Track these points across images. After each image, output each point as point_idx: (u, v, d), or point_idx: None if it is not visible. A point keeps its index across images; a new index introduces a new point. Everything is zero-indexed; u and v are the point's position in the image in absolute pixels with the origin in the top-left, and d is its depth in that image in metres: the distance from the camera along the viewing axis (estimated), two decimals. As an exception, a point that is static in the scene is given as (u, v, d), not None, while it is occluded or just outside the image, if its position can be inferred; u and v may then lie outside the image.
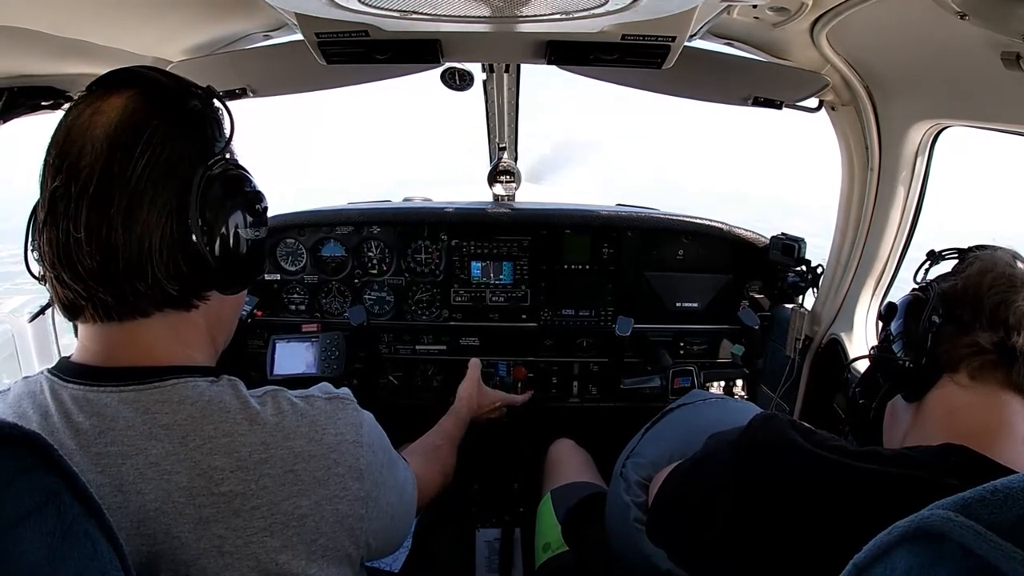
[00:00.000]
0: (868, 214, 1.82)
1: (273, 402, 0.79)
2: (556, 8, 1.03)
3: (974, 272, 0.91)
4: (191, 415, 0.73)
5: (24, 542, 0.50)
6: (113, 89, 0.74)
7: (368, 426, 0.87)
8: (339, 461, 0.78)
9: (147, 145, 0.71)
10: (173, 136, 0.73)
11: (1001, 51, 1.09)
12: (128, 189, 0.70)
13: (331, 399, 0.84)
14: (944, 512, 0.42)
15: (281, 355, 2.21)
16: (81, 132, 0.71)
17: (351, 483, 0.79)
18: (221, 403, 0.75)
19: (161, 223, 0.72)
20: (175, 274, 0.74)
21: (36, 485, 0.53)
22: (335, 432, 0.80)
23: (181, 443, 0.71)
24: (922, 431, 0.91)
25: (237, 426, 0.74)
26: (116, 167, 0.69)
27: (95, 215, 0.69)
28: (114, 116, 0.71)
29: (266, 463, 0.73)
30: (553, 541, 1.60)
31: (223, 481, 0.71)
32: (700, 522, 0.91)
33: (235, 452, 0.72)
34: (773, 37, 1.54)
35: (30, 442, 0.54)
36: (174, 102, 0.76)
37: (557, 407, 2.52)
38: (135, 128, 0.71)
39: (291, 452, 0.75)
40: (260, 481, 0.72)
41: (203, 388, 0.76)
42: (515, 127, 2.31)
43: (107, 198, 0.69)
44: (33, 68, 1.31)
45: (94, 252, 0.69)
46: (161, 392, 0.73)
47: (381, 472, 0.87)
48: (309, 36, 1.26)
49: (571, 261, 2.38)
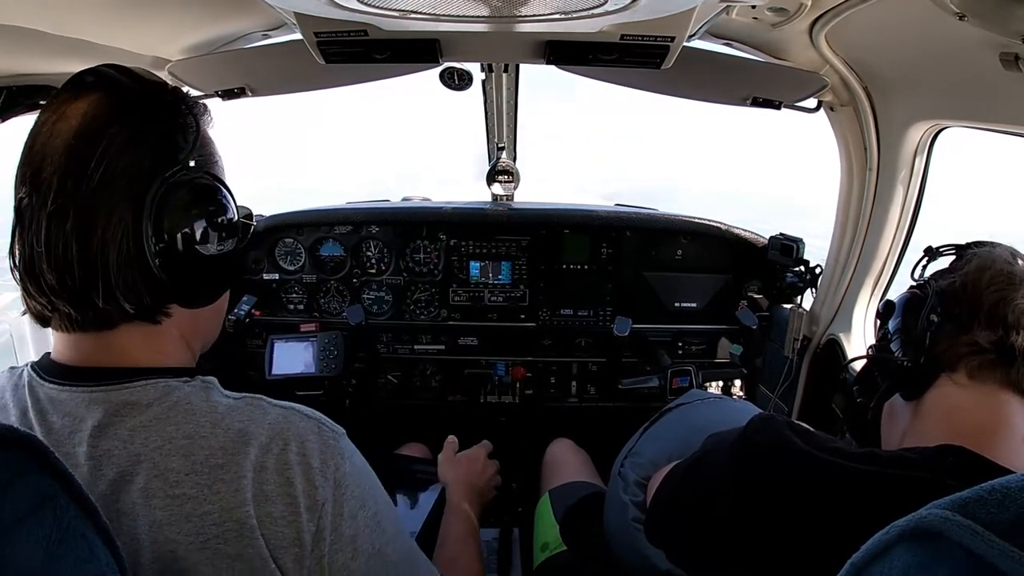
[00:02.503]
0: (867, 214, 1.82)
1: (246, 407, 0.76)
2: (555, 8, 1.03)
3: (972, 269, 0.90)
4: (156, 416, 0.72)
5: (21, 545, 0.50)
6: (79, 92, 0.71)
7: (349, 460, 0.78)
8: (294, 482, 0.72)
9: (103, 156, 0.68)
10: (132, 145, 0.70)
11: (1000, 52, 1.09)
12: (82, 204, 0.67)
13: (310, 419, 0.78)
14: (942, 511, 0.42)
15: (280, 355, 2.21)
16: (44, 141, 0.69)
17: (303, 510, 0.72)
18: (188, 404, 0.73)
19: (117, 239, 0.69)
20: (131, 292, 0.71)
21: (33, 488, 0.53)
22: (299, 451, 0.74)
23: (143, 444, 0.70)
24: (920, 430, 0.91)
25: (199, 428, 0.71)
26: (71, 181, 0.67)
27: (53, 230, 0.67)
28: (74, 124, 0.68)
29: (222, 468, 0.70)
30: (551, 541, 1.59)
31: (178, 483, 0.69)
32: (698, 522, 0.91)
33: (192, 455, 0.70)
34: (772, 37, 1.54)
35: (27, 444, 0.54)
36: (137, 107, 0.72)
37: (556, 407, 2.52)
38: (91, 137, 0.68)
39: (247, 460, 0.71)
40: (214, 487, 0.69)
41: (173, 388, 0.74)
42: (514, 127, 2.31)
43: (64, 212, 0.67)
44: (32, 67, 1.31)
45: (51, 268, 0.68)
46: (130, 392, 0.72)
47: (347, 523, 0.76)
48: (308, 35, 1.26)
49: (570, 261, 2.38)
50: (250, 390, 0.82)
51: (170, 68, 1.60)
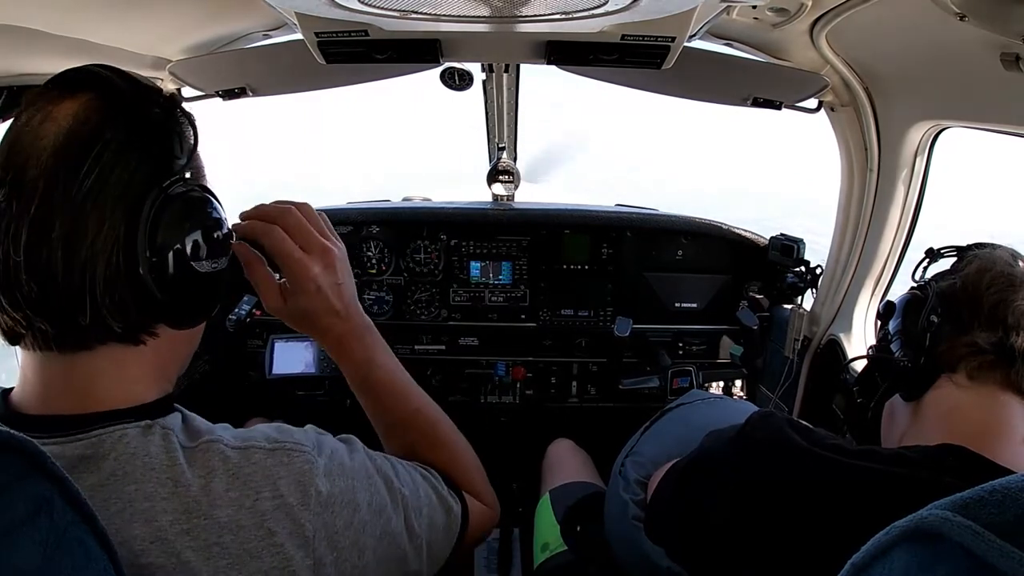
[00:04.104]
0: (867, 215, 1.82)
1: (203, 458, 0.68)
2: (556, 8, 1.03)
3: (973, 271, 0.90)
4: (113, 472, 0.64)
5: (17, 551, 0.49)
6: (68, 92, 0.66)
7: (327, 476, 0.72)
8: (275, 530, 0.66)
9: (96, 162, 0.62)
10: (127, 152, 0.64)
11: (1000, 52, 1.09)
12: (72, 211, 0.61)
13: (274, 451, 0.71)
14: (942, 512, 0.42)
15: (280, 354, 2.21)
16: (28, 142, 0.63)
17: (293, 552, 0.67)
18: (147, 458, 0.65)
19: (107, 251, 0.63)
20: (119, 309, 0.65)
21: (29, 492, 0.52)
22: (272, 495, 0.68)
23: (103, 506, 0.62)
24: (920, 431, 0.91)
25: (160, 488, 0.64)
26: (60, 186, 0.61)
27: (35, 238, 0.61)
28: (64, 125, 0.63)
29: (187, 534, 0.63)
30: (552, 541, 1.59)
31: (142, 553, 0.62)
32: (698, 520, 0.91)
33: (154, 520, 0.63)
34: (773, 38, 1.54)
35: (22, 448, 0.53)
36: (132, 112, 0.67)
37: (556, 407, 2.52)
38: (85, 141, 0.62)
39: (216, 523, 0.64)
40: (182, 555, 0.63)
41: (130, 439, 0.66)
42: (515, 127, 2.31)
43: (48, 220, 0.61)
44: (32, 67, 1.31)
45: (31, 279, 0.61)
46: (86, 445, 0.65)
47: (344, 534, 0.72)
48: (308, 35, 1.26)
49: (570, 261, 2.38)
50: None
51: (171, 68, 1.60)
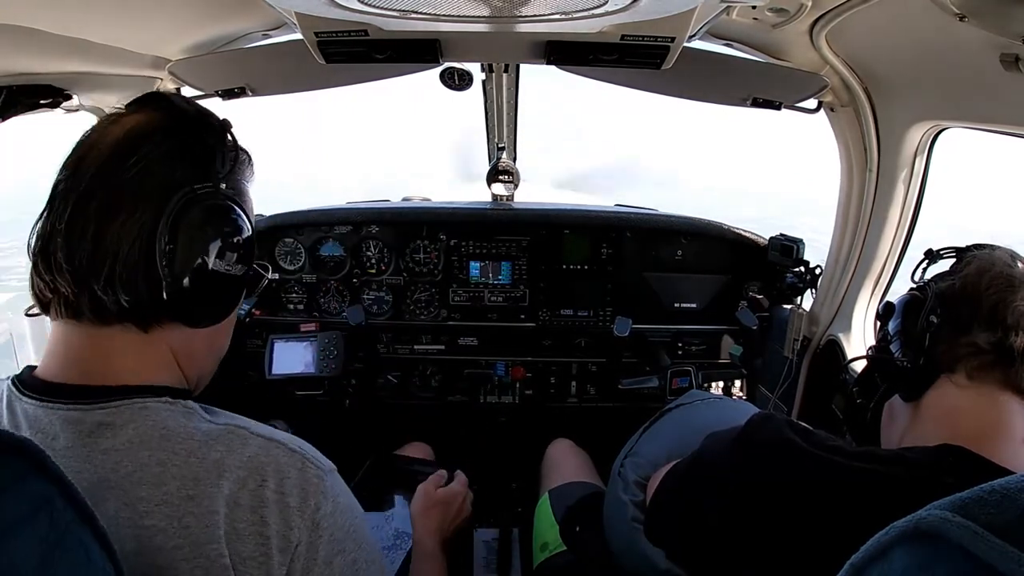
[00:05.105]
0: (867, 215, 1.82)
1: (224, 436, 0.73)
2: (556, 8, 1.03)
3: (972, 272, 0.90)
4: (130, 439, 0.70)
5: (17, 550, 0.49)
6: (139, 107, 0.78)
7: (330, 500, 0.75)
8: (268, 521, 0.69)
9: (142, 157, 0.72)
10: (172, 156, 0.74)
11: (1000, 53, 1.09)
12: (112, 191, 0.71)
13: (294, 452, 0.75)
14: (941, 512, 0.42)
15: (279, 354, 2.21)
16: (95, 139, 0.74)
17: (275, 552, 0.69)
18: (164, 429, 0.71)
19: (131, 236, 0.71)
20: (131, 287, 0.72)
21: (29, 492, 0.53)
22: (276, 487, 0.71)
23: (113, 469, 0.68)
24: (920, 431, 0.91)
25: (173, 455, 0.69)
26: (108, 171, 0.71)
27: (77, 210, 0.70)
28: (126, 127, 0.74)
29: (191, 501, 0.67)
30: (551, 541, 1.59)
31: (147, 514, 0.67)
32: (697, 521, 0.91)
33: (164, 484, 0.68)
34: (772, 38, 1.55)
35: (22, 448, 0.53)
36: (185, 126, 0.77)
37: (555, 407, 2.52)
38: (138, 139, 0.73)
39: (220, 494, 0.68)
40: (183, 520, 0.67)
41: (151, 410, 0.72)
42: (514, 127, 2.31)
43: (91, 195, 0.70)
44: (32, 66, 1.31)
45: (66, 244, 0.70)
46: (106, 413, 0.70)
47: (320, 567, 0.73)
48: (308, 35, 1.26)
49: (570, 261, 2.38)
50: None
51: (170, 68, 1.60)
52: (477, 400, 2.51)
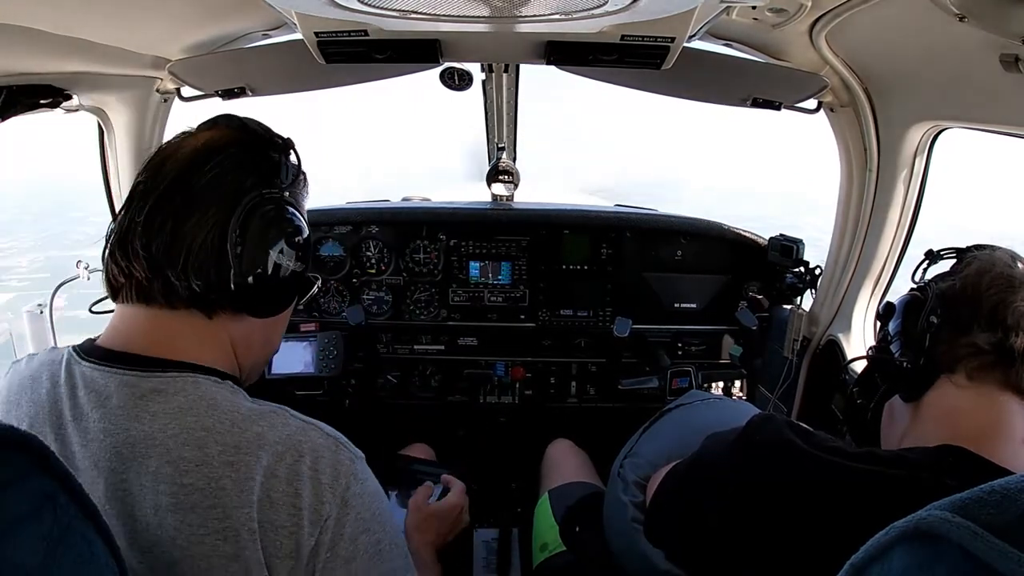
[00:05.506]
0: (867, 215, 1.82)
1: (267, 414, 0.78)
2: (555, 8, 1.04)
3: (972, 272, 0.90)
4: (180, 406, 0.75)
5: (20, 545, 0.50)
6: (211, 126, 0.88)
7: (360, 483, 0.79)
8: (302, 494, 0.73)
9: (217, 165, 0.81)
10: (242, 166, 0.83)
11: (1000, 53, 1.09)
12: (189, 194, 0.80)
13: (329, 436, 0.80)
14: (941, 512, 0.42)
15: (279, 354, 2.17)
16: (172, 151, 0.84)
17: (306, 524, 0.73)
18: (212, 400, 0.77)
19: (204, 230, 0.79)
20: (202, 274, 0.79)
21: (33, 488, 0.53)
22: (311, 465, 0.75)
23: (161, 430, 0.74)
24: (920, 431, 0.91)
25: (218, 423, 0.75)
26: (186, 176, 0.80)
27: (155, 207, 0.79)
28: (201, 141, 0.84)
29: (231, 466, 0.72)
30: (550, 541, 1.59)
31: (187, 473, 0.72)
32: (697, 522, 0.91)
33: (206, 447, 0.73)
34: (772, 38, 1.55)
35: (26, 444, 0.53)
36: (253, 142, 0.87)
37: (555, 407, 2.52)
38: (213, 150, 0.83)
39: (258, 464, 0.73)
40: (220, 482, 0.72)
41: (202, 384, 0.78)
42: (514, 127, 2.31)
43: (170, 196, 0.79)
44: (32, 66, 1.31)
45: (143, 235, 0.78)
46: (161, 381, 0.77)
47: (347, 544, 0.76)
48: (308, 35, 1.26)
49: (570, 261, 2.38)
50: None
51: (170, 67, 1.60)
52: (477, 400, 2.51)
